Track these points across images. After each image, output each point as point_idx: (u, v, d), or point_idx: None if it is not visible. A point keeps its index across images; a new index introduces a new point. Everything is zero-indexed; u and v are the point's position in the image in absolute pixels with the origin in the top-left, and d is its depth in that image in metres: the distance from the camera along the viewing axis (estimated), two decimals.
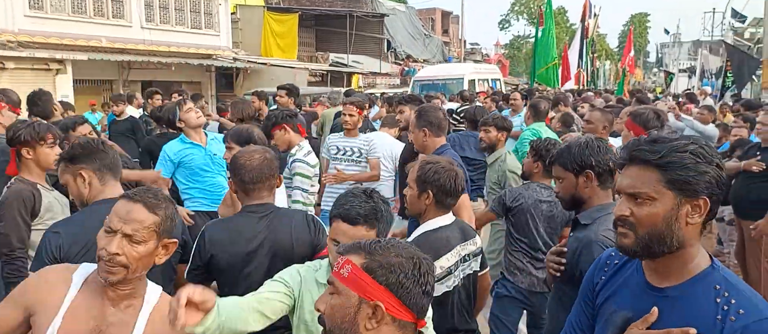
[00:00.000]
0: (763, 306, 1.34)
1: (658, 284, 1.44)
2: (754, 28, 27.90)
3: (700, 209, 1.38)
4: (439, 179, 2.40)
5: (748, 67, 12.20)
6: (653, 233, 1.39)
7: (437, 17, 42.55)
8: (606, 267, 1.62)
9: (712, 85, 20.42)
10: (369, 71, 24.33)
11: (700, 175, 1.36)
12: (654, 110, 3.03)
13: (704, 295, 1.37)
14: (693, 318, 1.36)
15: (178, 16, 17.13)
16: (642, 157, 1.41)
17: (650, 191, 1.39)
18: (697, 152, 1.38)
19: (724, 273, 1.40)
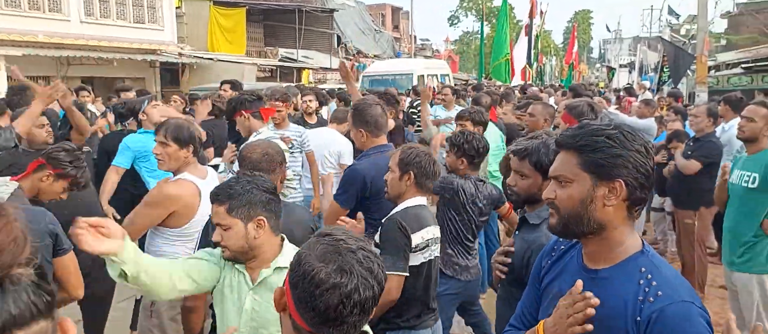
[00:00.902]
0: (683, 290, 1.39)
1: (592, 266, 1.50)
2: (689, 24, 29.23)
3: (616, 192, 1.42)
4: (421, 161, 2.60)
5: (683, 62, 12.75)
6: (571, 214, 1.46)
7: (387, 13, 42.63)
8: (553, 252, 1.69)
9: (651, 80, 21.26)
10: (319, 67, 24.17)
11: (614, 158, 1.41)
12: (588, 103, 3.14)
13: (630, 277, 1.42)
14: (617, 298, 1.41)
15: (119, 9, 16.55)
16: (563, 143, 1.50)
17: (568, 173, 1.46)
18: (613, 136, 1.43)
19: (652, 258, 1.45)
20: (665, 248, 6.49)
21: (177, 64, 17.95)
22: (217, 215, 2.02)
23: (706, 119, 5.23)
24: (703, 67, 12.04)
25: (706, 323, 1.38)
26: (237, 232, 1.98)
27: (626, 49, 54.36)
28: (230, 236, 1.99)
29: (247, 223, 1.99)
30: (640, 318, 1.36)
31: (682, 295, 1.38)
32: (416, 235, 2.50)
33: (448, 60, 30.62)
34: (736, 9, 27.49)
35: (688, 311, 1.36)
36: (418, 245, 2.52)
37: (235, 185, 2.03)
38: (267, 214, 2.03)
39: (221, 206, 2.01)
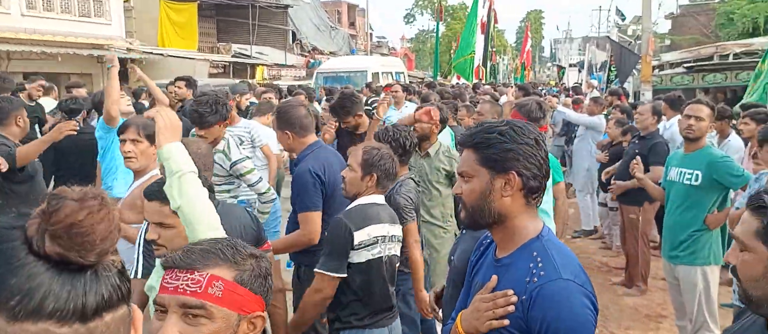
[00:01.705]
0: (563, 270, 1.48)
1: (499, 256, 1.62)
2: (635, 25, 30.24)
3: (511, 183, 1.53)
4: (385, 164, 2.60)
5: (629, 61, 13.20)
6: (475, 206, 1.58)
7: (343, 10, 42.51)
8: (481, 247, 1.80)
9: (599, 79, 21.93)
10: (274, 63, 23.90)
11: (506, 151, 1.53)
12: (536, 101, 3.21)
13: (524, 261, 1.53)
14: (513, 282, 1.52)
15: (63, 2, 15.92)
16: (463, 142, 1.63)
17: (469, 169, 1.58)
18: (504, 132, 1.55)
19: (545, 242, 1.55)
20: (611, 243, 6.71)
21: (126, 60, 17.42)
22: (160, 214, 1.94)
23: (651, 117, 5.43)
24: (648, 66, 12.49)
25: (587, 300, 1.47)
26: (179, 232, 1.90)
27: (576, 49, 55.87)
28: (172, 236, 1.93)
29: None
30: (525, 297, 1.47)
31: (562, 274, 1.47)
32: (361, 232, 2.48)
33: (404, 58, 30.80)
34: (679, 10, 28.58)
35: (565, 287, 1.45)
36: (363, 241, 2.49)
37: None
38: None
39: (165, 205, 1.92)
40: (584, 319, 1.45)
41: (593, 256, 6.63)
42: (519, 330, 1.48)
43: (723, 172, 3.60)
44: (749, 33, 22.21)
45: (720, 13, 24.84)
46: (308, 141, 3.18)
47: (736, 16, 23.45)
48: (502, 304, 1.50)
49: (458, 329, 1.63)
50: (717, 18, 24.96)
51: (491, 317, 1.51)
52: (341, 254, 2.46)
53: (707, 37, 24.21)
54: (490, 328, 1.52)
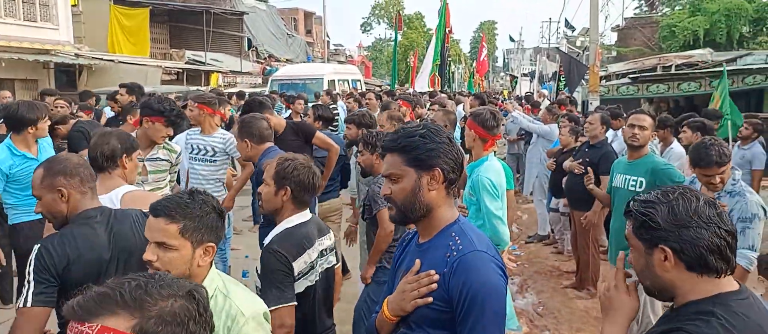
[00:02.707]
0: (479, 244, 1.72)
1: (421, 241, 1.82)
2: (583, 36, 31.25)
3: (436, 178, 1.74)
4: (299, 174, 2.43)
5: (578, 71, 13.65)
6: (406, 203, 1.75)
7: (300, 17, 42.35)
8: (403, 243, 1.97)
9: (549, 88, 22.53)
10: (229, 70, 23.58)
11: (429, 151, 1.73)
12: (491, 111, 3.32)
13: (443, 242, 1.74)
14: (434, 260, 1.72)
15: (8, 6, 15.34)
16: (388, 147, 1.80)
17: (397, 170, 1.76)
18: (425, 134, 1.75)
19: (462, 225, 1.77)
20: (563, 247, 6.92)
21: (74, 66, 16.89)
22: (165, 233, 1.78)
23: (600, 127, 5.64)
24: (595, 76, 12.96)
25: (498, 268, 1.71)
26: (183, 256, 1.79)
27: (528, 59, 57.27)
28: (173, 259, 1.78)
29: (197, 248, 1.81)
30: (446, 270, 1.68)
31: (477, 246, 1.71)
32: (298, 261, 2.34)
33: (361, 66, 30.92)
34: (624, 23, 29.71)
35: (480, 257, 1.68)
36: (302, 271, 2.36)
37: (192, 203, 1.83)
38: (216, 241, 1.88)
39: (173, 224, 1.78)
40: (496, 282, 1.67)
41: (545, 260, 6.81)
42: (441, 301, 1.68)
43: (665, 178, 3.79)
44: (690, 45, 23.31)
45: (663, 25, 25.94)
46: (264, 147, 3.46)
47: (678, 29, 24.56)
48: (426, 283, 1.69)
49: (385, 314, 1.80)
50: (660, 30, 26.05)
51: (416, 297, 1.69)
52: (289, 282, 2.31)
53: (651, 49, 25.25)
54: (416, 306, 1.70)
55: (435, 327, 1.70)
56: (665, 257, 1.46)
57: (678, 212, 1.46)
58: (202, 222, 1.82)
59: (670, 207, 1.47)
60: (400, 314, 1.75)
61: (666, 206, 1.48)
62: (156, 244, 1.79)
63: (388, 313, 1.79)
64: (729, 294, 1.46)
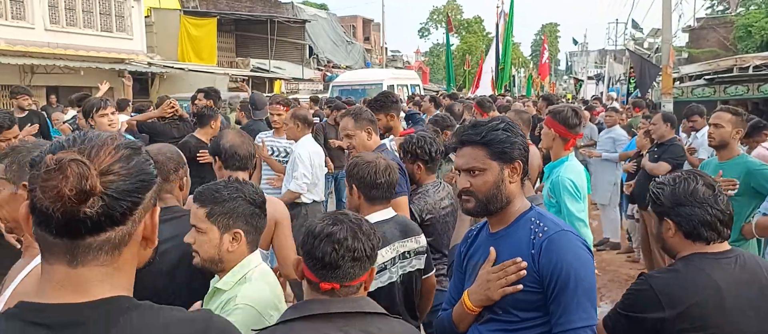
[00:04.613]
0: (562, 224, 1.81)
1: (493, 230, 1.86)
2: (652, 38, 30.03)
3: (516, 170, 1.80)
4: (359, 171, 2.43)
5: (650, 73, 13.09)
6: (488, 196, 1.79)
7: (359, 25, 42.78)
8: (468, 239, 2.01)
9: (617, 91, 21.77)
10: (291, 77, 24.05)
11: (512, 144, 1.78)
12: (572, 108, 3.18)
13: (523, 227, 1.79)
14: (516, 245, 1.77)
15: (86, 18, 16.21)
16: (469, 140, 1.80)
17: (480, 164, 1.78)
18: (507, 128, 1.79)
19: (538, 211, 1.83)
20: (639, 256, 6.60)
21: (146, 74, 17.65)
22: (195, 217, 1.91)
23: (663, 125, 5.45)
24: (669, 78, 12.38)
25: (584, 246, 1.76)
26: (211, 240, 1.88)
27: (592, 62, 55.59)
28: (203, 241, 1.89)
29: (224, 233, 1.88)
30: (534, 251, 1.72)
31: (561, 226, 1.78)
32: None
33: (418, 71, 30.85)
34: (697, 23, 28.38)
35: (567, 235, 1.75)
36: None
37: (223, 190, 1.92)
38: (247, 227, 1.92)
39: (202, 208, 1.90)
40: (586, 259, 1.73)
41: (619, 269, 6.53)
42: (532, 282, 1.72)
43: (761, 179, 3.52)
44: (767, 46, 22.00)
45: (738, 25, 24.65)
46: None
47: (755, 29, 23.26)
48: (513, 271, 1.72)
49: (466, 305, 1.82)
50: (735, 31, 24.75)
51: (504, 285, 1.72)
52: None
53: (726, 50, 24.00)
54: (504, 294, 1.73)
55: (526, 310, 1.73)
56: (669, 227, 1.90)
57: (678, 193, 1.89)
58: (230, 208, 1.89)
59: (673, 189, 1.91)
60: (486, 303, 1.78)
61: (670, 188, 1.91)
62: (193, 227, 1.92)
63: (470, 304, 1.81)
64: (703, 254, 1.87)
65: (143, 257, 1.05)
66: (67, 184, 0.88)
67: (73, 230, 0.92)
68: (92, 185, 0.89)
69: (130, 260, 1.01)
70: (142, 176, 0.97)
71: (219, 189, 1.92)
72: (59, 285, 0.94)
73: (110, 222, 0.94)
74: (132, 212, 0.96)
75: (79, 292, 0.93)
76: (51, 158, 0.89)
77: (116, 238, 0.96)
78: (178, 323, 0.98)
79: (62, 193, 0.87)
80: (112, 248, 0.96)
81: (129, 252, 0.99)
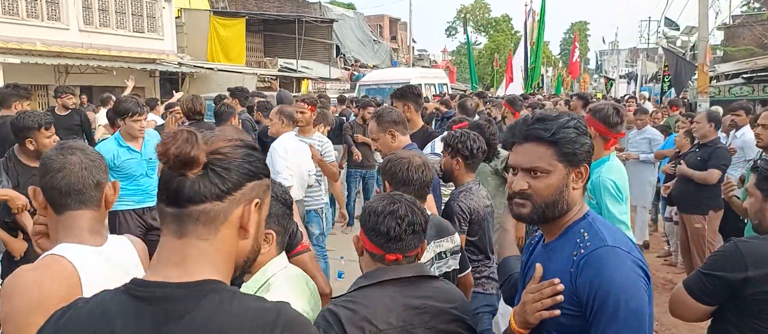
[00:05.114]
0: (609, 238, 1.52)
1: (547, 241, 1.66)
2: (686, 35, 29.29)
3: (582, 176, 1.59)
4: (392, 167, 2.40)
5: (685, 71, 12.75)
6: (549, 202, 1.57)
7: (385, 24, 42.75)
8: (529, 247, 1.81)
9: (650, 90, 21.29)
10: (319, 77, 24.13)
11: (582, 146, 1.57)
12: (613, 106, 3.05)
13: (570, 240, 1.57)
14: (560, 261, 1.56)
15: (119, 19, 16.49)
16: (536, 135, 1.58)
17: (545, 165, 1.56)
18: (578, 127, 1.59)
19: (592, 220, 1.59)
20: (677, 260, 6.41)
21: (177, 74, 17.89)
22: None
23: (707, 125, 5.27)
24: (705, 76, 12.04)
25: (635, 266, 1.48)
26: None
27: (623, 61, 54.56)
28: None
29: None
30: (572, 269, 1.50)
31: (607, 241, 1.50)
32: None
33: (445, 70, 30.70)
34: (732, 20, 27.59)
35: (611, 251, 1.48)
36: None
37: None
38: (278, 228, 1.86)
39: None
40: (634, 280, 1.45)
41: (657, 273, 6.33)
42: (571, 305, 1.50)
43: None
44: None
45: None
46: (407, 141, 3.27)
47: None
48: (548, 293, 1.52)
49: (512, 325, 1.64)
50: None
51: (539, 308, 1.53)
52: None
53: (763, 48, 23.28)
54: (541, 318, 1.53)
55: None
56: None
57: None
58: None
59: None
60: (529, 327, 1.58)
61: None
62: None
63: (516, 326, 1.62)
64: None
65: (242, 248, 1.11)
66: (174, 144, 1.00)
67: (177, 196, 1.03)
68: (196, 154, 1.00)
69: (228, 243, 1.08)
70: (247, 165, 1.07)
71: None
72: (166, 260, 1.05)
73: (209, 194, 1.03)
74: (230, 192, 1.05)
75: (180, 267, 1.04)
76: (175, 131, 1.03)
77: (213, 212, 1.04)
78: (253, 311, 1.03)
79: (169, 152, 0.99)
80: (210, 221, 1.04)
81: (227, 232, 1.07)
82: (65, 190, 1.60)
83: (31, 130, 3.51)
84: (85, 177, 1.62)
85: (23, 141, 3.54)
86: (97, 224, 1.65)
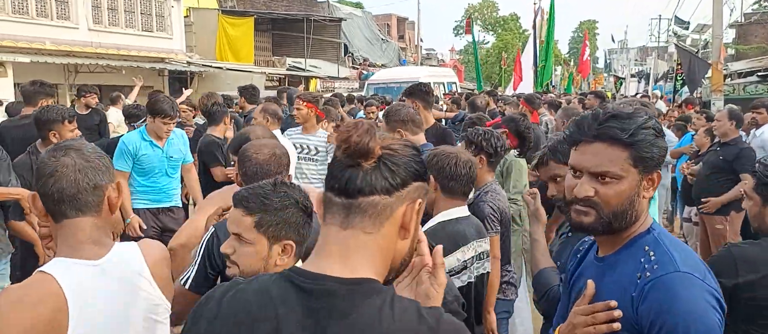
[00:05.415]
0: (680, 261, 1.33)
1: (602, 254, 1.47)
2: (696, 34, 29.05)
3: (653, 183, 1.41)
4: (439, 162, 2.34)
5: (699, 69, 12.58)
6: (617, 212, 1.37)
7: (393, 23, 42.67)
8: (578, 253, 1.63)
9: (661, 89, 21.09)
10: (327, 76, 24.08)
11: (659, 150, 1.39)
12: (640, 102, 2.95)
13: (633, 256, 1.38)
14: (619, 280, 1.38)
15: (128, 18, 16.48)
16: (610, 135, 1.36)
17: (618, 169, 1.36)
18: (656, 127, 1.40)
19: (658, 236, 1.40)
20: None
21: (185, 73, 17.87)
22: (240, 225, 1.69)
23: (728, 123, 5.15)
24: (719, 74, 11.89)
25: (710, 296, 1.30)
26: (258, 252, 1.68)
27: (632, 59, 54.19)
28: (248, 254, 1.68)
29: (274, 244, 1.68)
30: (634, 294, 1.32)
31: (680, 266, 1.32)
32: (450, 257, 2.20)
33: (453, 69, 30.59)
34: (744, 18, 27.32)
35: (683, 278, 1.29)
36: (454, 268, 2.23)
37: (272, 196, 1.69)
38: (297, 239, 1.71)
39: (249, 217, 1.68)
40: (708, 316, 1.27)
41: None
42: (629, 332, 1.34)
43: None
44: None
45: None
46: (420, 141, 3.12)
47: None
48: (603, 318, 1.35)
49: None
50: None
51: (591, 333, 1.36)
52: None
53: None
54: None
55: None
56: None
57: None
58: (281, 216, 1.68)
59: None
60: None
61: None
62: (234, 235, 1.71)
63: None
64: None
65: (401, 249, 1.10)
66: (356, 133, 1.02)
67: (348, 186, 1.03)
68: (373, 146, 1.02)
69: (389, 240, 1.07)
70: (415, 166, 1.08)
71: (268, 195, 1.70)
72: (328, 251, 1.05)
73: (380, 187, 1.03)
74: (398, 188, 1.05)
75: (341, 261, 1.04)
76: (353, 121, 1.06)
77: (381, 205, 1.04)
78: (414, 317, 1.02)
79: (351, 139, 1.01)
80: (377, 214, 1.04)
81: (390, 229, 1.06)
82: (58, 196, 1.44)
83: (54, 123, 3.54)
84: (79, 180, 1.45)
85: (46, 134, 3.57)
86: (98, 231, 1.49)
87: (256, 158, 2.23)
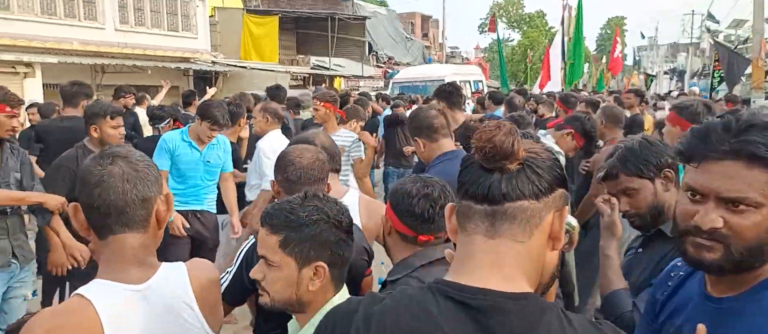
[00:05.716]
0: None
1: (717, 294, 1.18)
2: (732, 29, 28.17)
3: None
4: None
5: (738, 66, 12.09)
6: (753, 247, 1.09)
7: (417, 22, 42.44)
8: (669, 281, 1.36)
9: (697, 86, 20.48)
10: (351, 74, 23.96)
11: None
12: (703, 102, 2.69)
13: (765, 304, 1.11)
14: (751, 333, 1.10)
15: (154, 18, 16.55)
16: (749, 152, 1.08)
17: (758, 195, 1.08)
18: None
19: None
20: None
21: (210, 73, 17.90)
22: (265, 245, 1.50)
23: None
24: (760, 71, 11.41)
25: None
26: (287, 276, 1.47)
27: (662, 56, 52.99)
28: (276, 279, 1.48)
29: (303, 267, 1.48)
30: None
31: None
32: None
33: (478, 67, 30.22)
34: None
35: None
36: None
37: (299, 211, 1.49)
38: (332, 259, 1.50)
39: (274, 236, 1.49)
40: None
41: None
42: None
43: None
44: None
45: None
46: (443, 148, 2.84)
47: None
48: None
49: None
50: None
51: None
52: None
53: None
54: None
55: None
56: None
57: None
58: (309, 234, 1.47)
59: None
60: None
61: None
62: (261, 258, 1.51)
63: None
64: None
65: (551, 261, 1.05)
66: (499, 134, 0.95)
67: (491, 192, 0.96)
68: (517, 148, 0.96)
69: (539, 249, 0.99)
70: (557, 170, 1.00)
71: (294, 209, 1.50)
72: (480, 261, 0.97)
73: (527, 191, 0.96)
74: (545, 193, 0.97)
75: (498, 273, 0.96)
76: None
77: (530, 211, 0.96)
78: (591, 329, 0.96)
79: (494, 139, 0.95)
80: (526, 221, 0.96)
81: (539, 238, 0.98)
82: (104, 210, 1.29)
83: (97, 117, 3.53)
84: (127, 192, 1.30)
85: (88, 128, 3.56)
86: (144, 250, 1.34)
87: (300, 162, 2.08)
